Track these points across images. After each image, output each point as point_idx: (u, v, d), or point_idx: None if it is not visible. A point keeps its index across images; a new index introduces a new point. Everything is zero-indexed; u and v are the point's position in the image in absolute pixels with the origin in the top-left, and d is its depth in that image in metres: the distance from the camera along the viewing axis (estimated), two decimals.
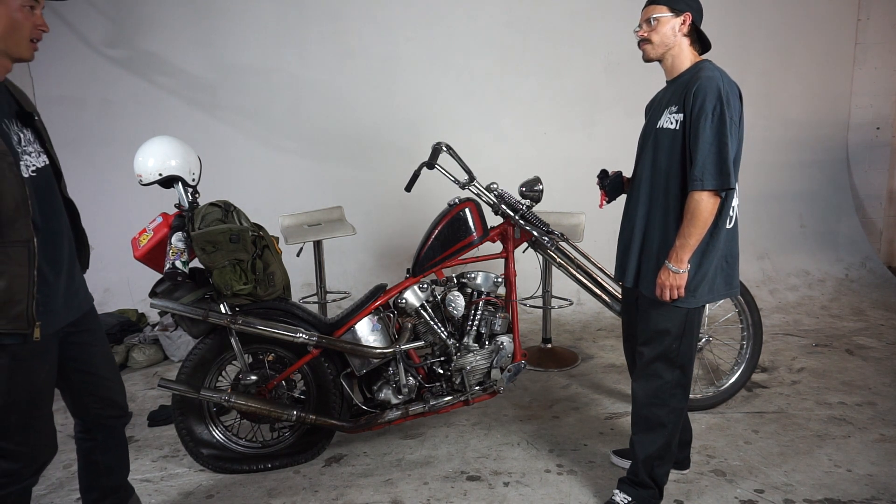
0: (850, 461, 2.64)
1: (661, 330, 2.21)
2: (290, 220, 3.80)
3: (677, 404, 2.25)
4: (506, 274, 2.76)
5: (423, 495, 2.48)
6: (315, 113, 4.85)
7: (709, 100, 2.01)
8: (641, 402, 2.30)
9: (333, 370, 2.65)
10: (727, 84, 2.04)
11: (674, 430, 2.26)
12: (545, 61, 4.89)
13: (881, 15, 5.19)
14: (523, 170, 3.15)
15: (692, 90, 2.04)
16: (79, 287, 1.93)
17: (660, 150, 2.19)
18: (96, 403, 2.03)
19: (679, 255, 2.09)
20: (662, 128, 2.18)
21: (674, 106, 2.12)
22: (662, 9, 2.13)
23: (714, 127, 2.01)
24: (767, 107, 5.19)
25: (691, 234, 2.06)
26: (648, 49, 2.18)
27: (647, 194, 2.24)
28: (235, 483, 2.60)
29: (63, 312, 1.84)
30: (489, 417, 3.09)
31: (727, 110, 2.01)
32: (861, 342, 3.98)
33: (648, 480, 2.28)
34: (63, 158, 2.08)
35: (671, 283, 2.12)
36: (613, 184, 2.52)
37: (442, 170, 2.79)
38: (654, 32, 2.14)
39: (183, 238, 2.40)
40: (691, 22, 2.12)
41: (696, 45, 2.20)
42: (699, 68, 2.11)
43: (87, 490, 2.16)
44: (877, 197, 5.44)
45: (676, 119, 2.10)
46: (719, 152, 2.01)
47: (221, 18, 4.67)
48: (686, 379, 2.25)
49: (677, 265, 2.10)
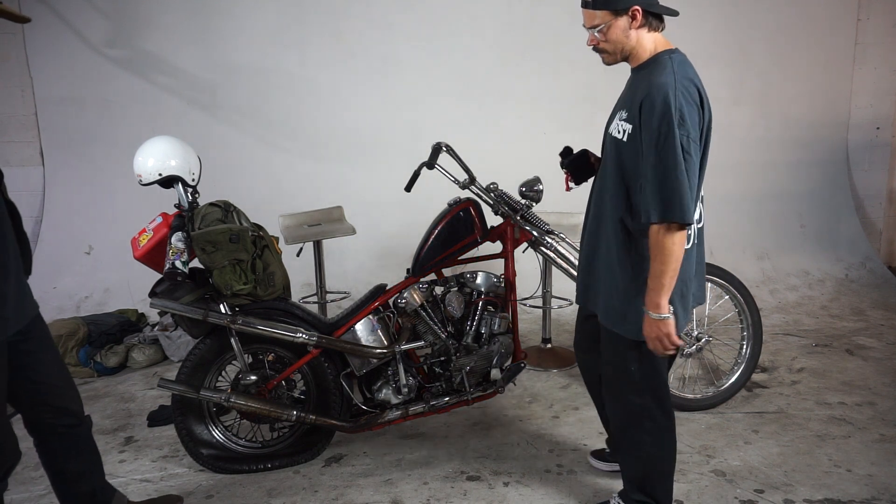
0: (850, 461, 2.64)
1: (614, 355, 2.04)
2: (290, 220, 3.80)
3: (655, 426, 2.06)
4: (506, 274, 2.76)
5: (423, 495, 2.48)
6: (315, 113, 4.85)
7: (655, 116, 1.74)
8: (616, 424, 2.15)
9: (333, 370, 2.65)
10: (682, 89, 1.75)
11: (656, 454, 2.09)
12: (545, 61, 4.89)
13: (881, 15, 5.19)
14: (523, 170, 3.14)
15: (639, 100, 1.79)
16: (26, 292, 1.86)
17: (608, 158, 1.98)
18: (48, 413, 1.95)
19: (653, 298, 1.81)
20: (611, 134, 1.97)
21: (624, 111, 1.89)
22: (603, 14, 1.83)
23: (659, 150, 1.73)
24: (767, 107, 5.19)
25: (661, 272, 1.78)
26: (606, 57, 1.94)
27: (596, 204, 2.05)
28: (235, 483, 2.60)
29: (14, 318, 1.77)
30: (489, 417, 3.09)
31: (677, 130, 1.72)
32: (861, 342, 3.98)
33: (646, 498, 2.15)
34: (63, 158, 2.08)
35: (656, 332, 1.84)
36: (576, 163, 2.22)
37: (442, 170, 2.79)
38: (604, 41, 1.88)
39: (183, 238, 2.40)
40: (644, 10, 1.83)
41: (656, 23, 1.89)
42: (654, 64, 1.84)
43: (66, 500, 2.10)
44: (877, 197, 5.44)
45: (624, 129, 1.87)
46: (664, 180, 1.73)
47: (221, 18, 4.67)
48: (659, 399, 2.04)
49: (656, 311, 1.81)
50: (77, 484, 2.08)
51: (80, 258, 4.65)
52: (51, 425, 1.98)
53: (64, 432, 2.01)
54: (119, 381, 3.64)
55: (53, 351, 1.98)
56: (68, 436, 2.03)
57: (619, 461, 2.21)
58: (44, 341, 1.93)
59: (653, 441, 2.08)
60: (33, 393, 1.91)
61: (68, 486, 2.08)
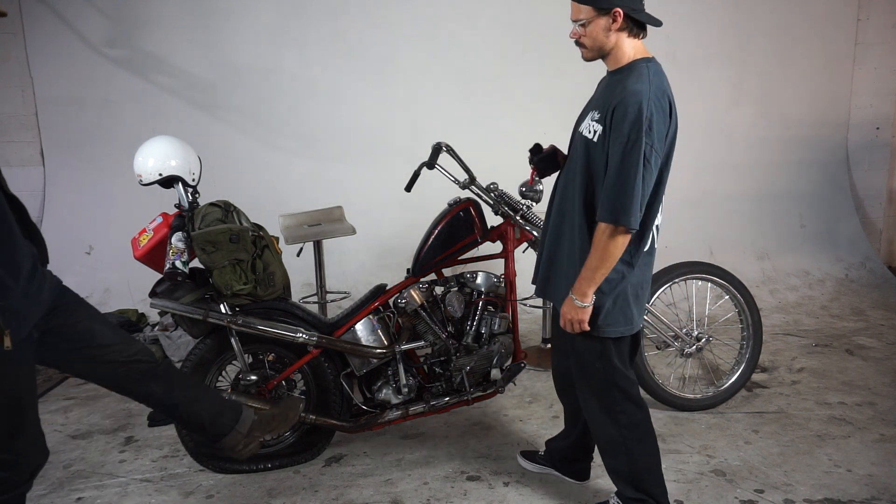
0: (850, 461, 2.64)
1: (578, 350, 2.10)
2: (290, 220, 3.80)
3: (628, 420, 2.10)
4: (506, 274, 2.76)
5: (423, 495, 2.48)
6: (315, 113, 4.85)
7: (627, 122, 1.80)
8: (593, 425, 2.19)
9: (333, 370, 2.65)
10: (655, 99, 1.81)
11: (636, 447, 2.11)
12: (545, 61, 4.89)
13: (881, 15, 5.19)
14: (523, 170, 3.14)
15: (613, 104, 1.84)
16: (41, 283, 1.84)
17: (576, 156, 2.02)
18: (121, 367, 1.97)
19: (582, 287, 1.92)
20: (581, 133, 2.00)
21: (597, 112, 1.94)
22: (587, 10, 1.89)
23: (625, 155, 1.80)
24: (767, 107, 5.19)
25: (596, 267, 1.88)
26: (585, 52, 1.99)
27: (560, 200, 2.09)
28: (235, 483, 2.60)
29: (30, 314, 1.77)
30: (489, 417, 3.09)
31: (645, 138, 1.78)
32: (861, 342, 3.98)
33: (641, 495, 2.15)
34: (63, 158, 2.08)
35: (572, 316, 1.96)
36: (545, 161, 2.28)
37: (442, 170, 2.79)
38: (585, 35, 1.93)
39: (183, 238, 2.40)
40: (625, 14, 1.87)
41: (637, 30, 1.93)
42: (631, 71, 1.89)
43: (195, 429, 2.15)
44: (877, 197, 5.44)
45: (595, 130, 1.92)
46: (623, 185, 1.81)
47: (221, 18, 4.67)
48: (626, 391, 2.09)
49: (581, 298, 1.93)
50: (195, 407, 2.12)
51: (80, 258, 4.65)
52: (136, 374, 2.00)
53: (151, 370, 2.04)
54: None
55: (91, 314, 1.98)
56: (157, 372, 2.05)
57: (604, 462, 2.23)
58: (74, 311, 1.93)
59: (630, 434, 2.11)
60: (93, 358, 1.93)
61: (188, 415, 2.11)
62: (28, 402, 1.79)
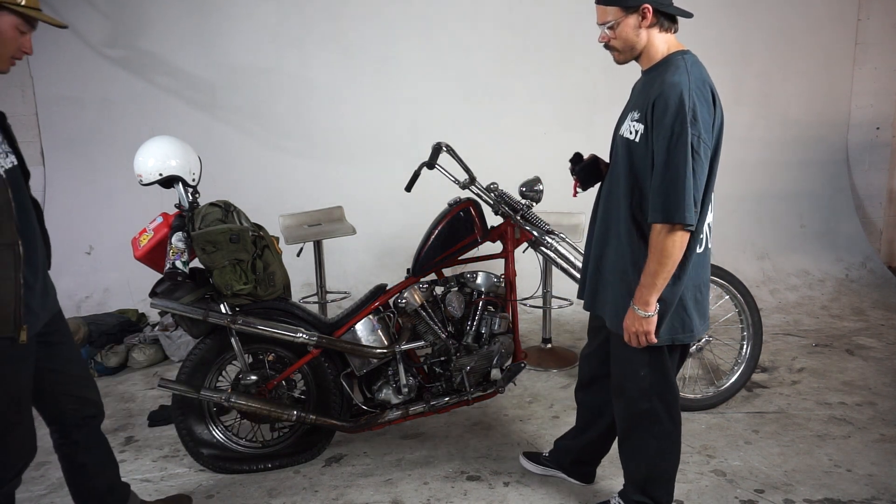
0: (850, 461, 2.64)
1: (624, 359, 2.00)
2: (290, 219, 3.80)
3: (661, 431, 2.03)
4: (506, 274, 2.76)
5: (423, 495, 2.48)
6: (315, 113, 4.85)
7: (669, 115, 1.73)
8: (621, 426, 2.13)
9: (333, 370, 2.65)
10: (696, 89, 1.75)
11: (661, 461, 2.07)
12: (545, 61, 4.89)
13: (881, 15, 5.18)
14: (523, 170, 3.14)
15: (652, 99, 1.78)
16: (50, 287, 1.91)
17: (618, 161, 1.94)
18: (73, 403, 1.98)
19: (643, 295, 1.81)
20: (622, 136, 1.94)
21: (637, 111, 1.87)
22: (614, 10, 1.83)
23: (672, 150, 1.72)
24: (767, 107, 5.18)
25: (655, 272, 1.78)
26: (617, 56, 1.92)
27: (605, 209, 2.01)
28: (235, 483, 2.60)
29: (42, 314, 1.82)
30: (489, 417, 3.09)
31: (690, 129, 1.71)
32: (861, 342, 3.98)
33: (646, 499, 2.13)
34: (63, 158, 2.09)
35: (637, 328, 1.85)
36: (587, 169, 2.19)
37: (442, 170, 2.79)
38: (615, 38, 1.87)
39: (183, 238, 2.40)
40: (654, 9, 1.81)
41: (668, 24, 1.87)
42: (667, 65, 1.82)
43: (83, 499, 2.10)
44: (877, 197, 5.44)
45: (636, 129, 1.85)
46: (674, 181, 1.73)
47: (221, 18, 4.67)
48: (667, 404, 2.02)
49: (643, 308, 1.82)
50: (97, 478, 2.10)
51: (80, 258, 4.65)
52: (73, 417, 2.00)
53: (86, 423, 2.04)
54: (119, 381, 3.64)
55: (73, 343, 2.03)
56: (90, 427, 2.06)
57: (621, 461, 2.20)
58: (65, 334, 1.98)
59: (658, 446, 2.06)
60: (56, 384, 1.94)
61: (89, 479, 2.09)
62: (27, 399, 1.81)
